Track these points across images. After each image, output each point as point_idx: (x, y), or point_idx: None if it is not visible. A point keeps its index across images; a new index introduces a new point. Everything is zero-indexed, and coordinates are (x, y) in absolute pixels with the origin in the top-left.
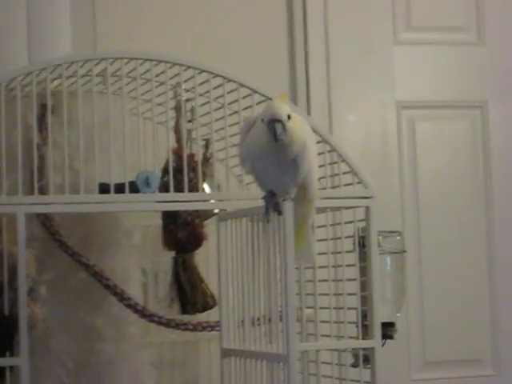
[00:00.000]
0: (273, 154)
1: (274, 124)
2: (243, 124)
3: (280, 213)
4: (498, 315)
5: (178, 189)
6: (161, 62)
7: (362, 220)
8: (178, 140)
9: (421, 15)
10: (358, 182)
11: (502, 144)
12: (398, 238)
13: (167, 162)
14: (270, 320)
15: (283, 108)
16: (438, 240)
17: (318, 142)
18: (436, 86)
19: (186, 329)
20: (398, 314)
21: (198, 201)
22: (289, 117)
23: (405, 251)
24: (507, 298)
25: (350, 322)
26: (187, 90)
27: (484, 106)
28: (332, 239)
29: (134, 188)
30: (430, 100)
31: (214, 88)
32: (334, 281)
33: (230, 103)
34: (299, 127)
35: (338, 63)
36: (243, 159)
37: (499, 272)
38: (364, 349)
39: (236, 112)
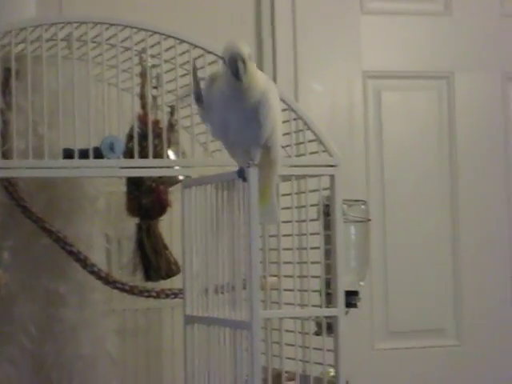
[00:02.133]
0: (234, 101)
1: (236, 61)
2: (207, 77)
3: (244, 179)
4: (460, 285)
5: (143, 155)
6: (126, 27)
7: (327, 188)
8: (143, 106)
9: None
10: (324, 151)
11: (468, 114)
12: (363, 206)
13: (132, 128)
14: (233, 288)
15: (244, 46)
16: (403, 209)
17: (284, 110)
18: (402, 56)
19: (150, 296)
20: (361, 283)
21: (162, 167)
22: (249, 57)
23: (369, 220)
24: (470, 267)
25: (313, 291)
26: (153, 56)
27: (450, 77)
28: (296, 207)
29: (98, 153)
30: (396, 70)
31: (180, 54)
32: (298, 249)
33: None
34: (259, 74)
35: (304, 32)
36: (203, 118)
37: (463, 241)
38: (327, 317)
39: (202, 79)
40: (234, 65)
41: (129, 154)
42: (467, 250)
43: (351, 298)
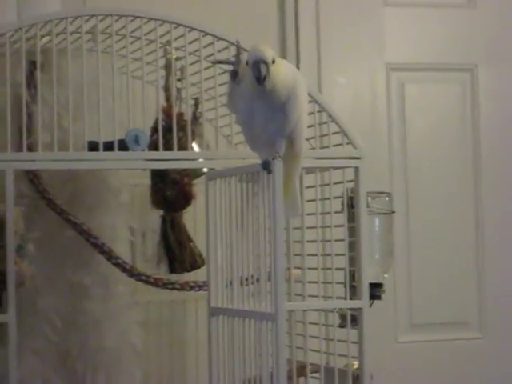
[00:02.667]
0: (258, 100)
1: (258, 65)
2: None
3: (270, 172)
4: (484, 278)
5: (167, 147)
6: (151, 19)
7: (351, 181)
8: (168, 99)
9: None
10: (348, 143)
11: (491, 107)
12: (387, 198)
13: (156, 120)
14: (258, 280)
15: (268, 50)
16: (427, 201)
17: (308, 102)
18: (426, 49)
19: (174, 288)
20: (385, 275)
21: (186, 159)
22: (273, 61)
23: (393, 212)
24: (494, 260)
25: (337, 283)
26: (177, 49)
27: (474, 69)
28: (320, 200)
29: (123, 146)
30: (419, 62)
31: (205, 46)
32: (322, 241)
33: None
34: (286, 73)
35: (328, 24)
36: (232, 97)
37: (486, 234)
38: (351, 309)
39: (226, 71)
40: (257, 70)
41: (153, 146)
42: (491, 242)
43: (375, 290)
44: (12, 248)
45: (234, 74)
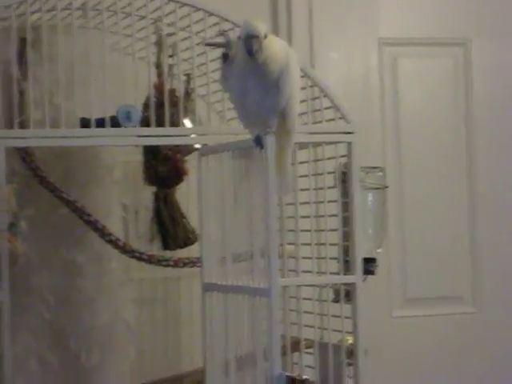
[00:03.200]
0: (252, 75)
1: (250, 40)
2: (234, 41)
3: (262, 147)
4: (478, 252)
5: (159, 123)
6: None
7: (344, 156)
8: (159, 75)
9: None
10: (340, 118)
11: (484, 81)
12: (380, 173)
13: (148, 96)
14: (251, 256)
15: (260, 25)
16: (420, 176)
17: (301, 77)
18: (419, 23)
19: (168, 265)
20: (379, 250)
21: (178, 135)
22: (265, 36)
23: (386, 187)
24: (488, 235)
25: (331, 258)
26: (168, 25)
27: (467, 43)
28: (314, 175)
29: (115, 122)
30: (412, 37)
31: (196, 22)
32: (315, 217)
33: (211, 38)
34: (278, 48)
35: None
36: (225, 76)
37: (480, 208)
38: (345, 284)
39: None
40: (249, 44)
41: (145, 122)
42: (485, 216)
43: (369, 265)
44: (4, 226)
45: (225, 56)
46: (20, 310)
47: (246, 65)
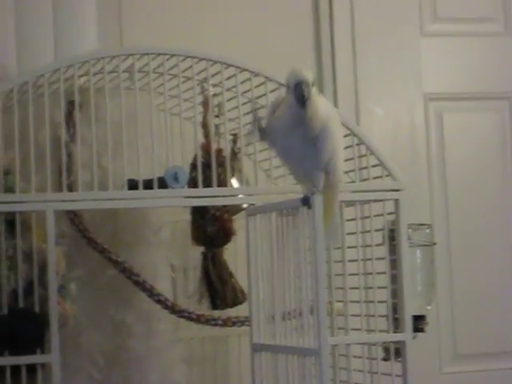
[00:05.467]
0: (296, 128)
1: (301, 86)
2: (270, 103)
3: (309, 207)
4: None
5: (207, 184)
6: (187, 57)
7: (392, 213)
8: (206, 135)
9: (447, 6)
10: (387, 175)
11: None
12: (428, 230)
13: (195, 157)
14: (300, 314)
15: (309, 73)
16: (467, 232)
17: (346, 136)
18: (463, 78)
19: (216, 324)
20: (428, 307)
21: (226, 196)
22: (313, 84)
23: (435, 243)
24: None
25: (380, 316)
26: (214, 85)
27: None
28: (361, 232)
29: (162, 184)
30: (457, 92)
31: (241, 82)
32: (363, 274)
33: (257, 97)
34: (322, 101)
35: (364, 56)
36: (268, 138)
37: None
38: (395, 342)
39: (263, 106)
40: (300, 90)
41: (193, 183)
42: None
43: (418, 322)
44: (54, 289)
45: (261, 133)
46: (69, 372)
47: (291, 119)
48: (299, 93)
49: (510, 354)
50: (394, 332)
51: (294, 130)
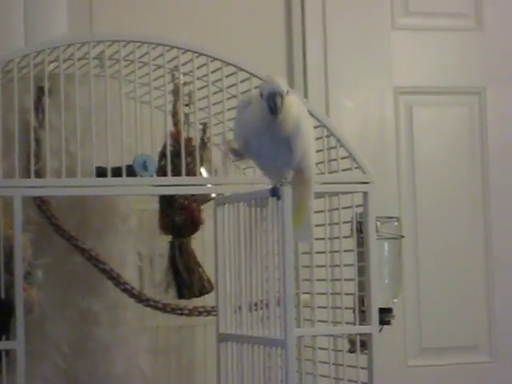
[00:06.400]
0: (267, 132)
1: (274, 97)
2: (239, 103)
3: (278, 198)
4: (493, 301)
5: (176, 173)
6: (159, 45)
7: (360, 205)
8: (176, 124)
9: (418, 0)
10: (356, 167)
11: (500, 130)
12: (396, 223)
13: (164, 145)
14: (267, 305)
15: (283, 83)
16: (435, 225)
17: (316, 127)
18: (434, 72)
19: (182, 314)
20: (395, 300)
21: (195, 185)
22: (287, 93)
23: (402, 236)
24: (503, 284)
25: (346, 308)
26: (185, 74)
27: (482, 92)
28: (329, 224)
29: (131, 172)
30: (427, 86)
31: (212, 72)
32: (331, 266)
33: (228, 87)
34: (294, 106)
35: (335, 48)
36: (237, 138)
37: (495, 258)
38: (361, 334)
39: (234, 96)
40: (272, 101)
41: (161, 171)
42: (500, 266)
43: (385, 315)
44: (20, 275)
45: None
46: (35, 359)
47: (262, 123)
48: (272, 103)
49: (475, 348)
50: (361, 324)
51: (265, 131)
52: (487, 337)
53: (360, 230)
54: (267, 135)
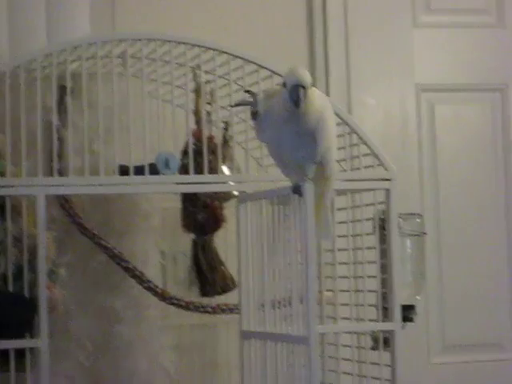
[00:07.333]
0: (290, 124)
1: (297, 89)
2: (262, 94)
3: (301, 195)
4: None
5: (198, 171)
6: (180, 43)
7: (382, 202)
8: (198, 122)
9: None
10: (379, 165)
11: None
12: (418, 220)
13: (187, 144)
14: (289, 303)
15: (307, 75)
16: (458, 222)
17: (338, 124)
18: (456, 69)
19: (205, 311)
20: (418, 297)
21: (217, 183)
22: (311, 86)
23: (425, 233)
24: None
25: (369, 305)
26: (207, 72)
27: (504, 89)
28: (352, 222)
29: (153, 170)
30: (449, 83)
31: (234, 70)
32: (353, 263)
33: (249, 85)
34: (318, 99)
35: (357, 46)
36: (259, 130)
37: None
38: (384, 331)
39: (256, 94)
40: (296, 93)
41: (184, 170)
42: None
43: (408, 312)
44: (43, 273)
45: (255, 114)
46: (58, 357)
47: (285, 113)
48: (296, 95)
49: (498, 346)
50: (383, 321)
51: (287, 123)
52: (511, 334)
53: (382, 227)
54: (289, 126)
